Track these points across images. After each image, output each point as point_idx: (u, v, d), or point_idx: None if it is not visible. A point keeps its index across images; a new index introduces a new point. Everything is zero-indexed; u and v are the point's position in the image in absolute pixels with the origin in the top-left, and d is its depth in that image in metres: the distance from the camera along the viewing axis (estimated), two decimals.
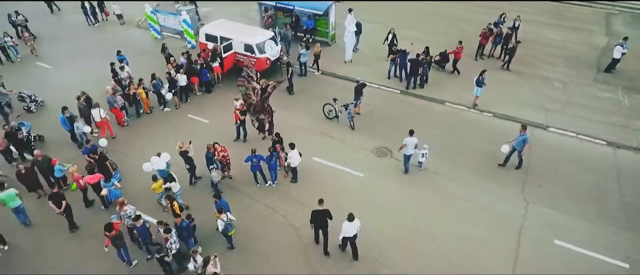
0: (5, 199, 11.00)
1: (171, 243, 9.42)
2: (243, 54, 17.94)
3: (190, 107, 16.62)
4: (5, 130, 13.34)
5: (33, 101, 16.45)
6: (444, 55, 18.24)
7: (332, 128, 15.27)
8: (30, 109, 16.33)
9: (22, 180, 12.00)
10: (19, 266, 10.58)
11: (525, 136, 12.44)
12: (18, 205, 11.23)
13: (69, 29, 23.49)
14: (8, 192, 11.05)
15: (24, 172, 11.93)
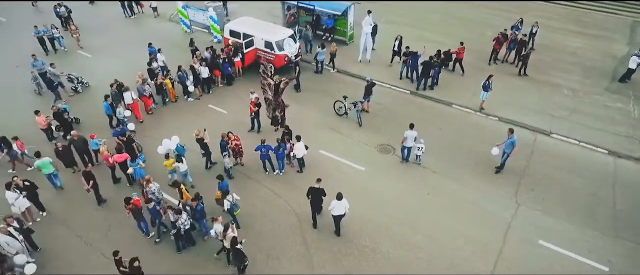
0: (41, 165, 12.72)
1: (182, 222, 10.63)
2: (263, 50, 19.10)
3: (212, 98, 17.94)
4: (54, 110, 15.05)
5: (80, 82, 18.47)
6: (447, 54, 18.74)
7: (341, 124, 16.20)
8: (77, 90, 18.33)
9: (59, 157, 13.59)
10: (56, 229, 12.15)
11: (513, 139, 12.95)
12: (51, 172, 12.94)
13: (107, 21, 25.36)
14: (43, 159, 12.75)
15: (61, 150, 13.53)
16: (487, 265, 10.90)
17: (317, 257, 11.24)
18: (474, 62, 19.89)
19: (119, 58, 20.81)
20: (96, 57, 21.28)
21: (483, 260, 11.02)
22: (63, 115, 15.26)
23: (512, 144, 12.98)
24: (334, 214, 11.20)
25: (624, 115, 16.27)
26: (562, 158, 14.39)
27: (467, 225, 11.95)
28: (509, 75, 19.00)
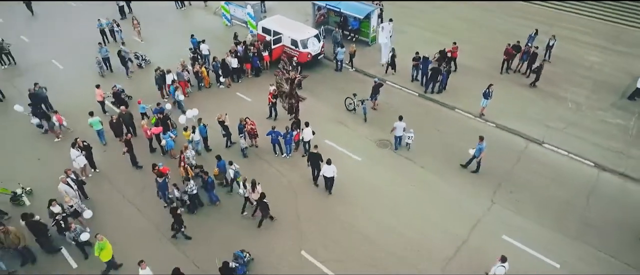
0: (93, 122, 16.10)
1: (190, 187, 13.02)
2: (289, 47, 21.25)
3: (240, 87, 20.37)
4: (113, 91, 18.06)
5: (144, 60, 22.07)
6: (442, 53, 20.09)
7: (348, 118, 18.06)
8: (141, 65, 21.89)
9: (111, 127, 16.51)
10: (102, 184, 15.04)
11: (482, 145, 14.28)
12: (100, 129, 16.31)
13: (159, 11, 28.55)
14: (94, 118, 16.11)
15: (114, 122, 16.44)
16: (451, 250, 12.46)
17: (306, 227, 13.29)
18: (487, 70, 20.96)
19: (166, 46, 23.75)
20: (148, 44, 24.37)
21: (449, 246, 12.59)
22: (120, 95, 18.27)
23: (480, 150, 14.32)
24: (326, 176, 13.80)
25: (621, 131, 16.88)
26: (548, 166, 15.44)
27: (442, 216, 13.50)
28: (518, 85, 19.91)
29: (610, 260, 12.13)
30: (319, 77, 21.07)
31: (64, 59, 22.70)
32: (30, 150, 16.49)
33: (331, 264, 12.13)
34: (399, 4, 27.37)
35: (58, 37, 24.91)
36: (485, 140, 14.42)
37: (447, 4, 28.84)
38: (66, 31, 25.54)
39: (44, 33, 25.71)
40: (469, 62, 21.65)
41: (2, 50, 21.72)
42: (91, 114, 16.24)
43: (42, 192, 14.13)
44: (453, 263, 12.10)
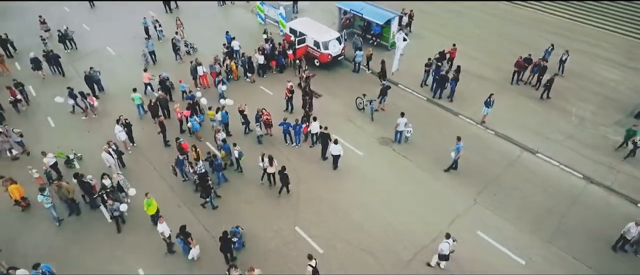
0: (134, 97, 19.01)
1: (200, 166, 15.19)
2: (312, 47, 23.14)
3: (265, 81, 22.51)
4: (160, 78, 20.66)
5: (192, 47, 25.04)
6: (442, 54, 21.57)
7: (357, 116, 19.70)
8: (189, 52, 24.76)
9: (150, 109, 19.10)
10: (138, 157, 17.65)
11: (459, 145, 15.58)
12: (140, 103, 19.06)
13: (202, 8, 31.30)
14: (136, 94, 18.93)
15: (152, 105, 19.03)
16: (428, 240, 13.88)
17: (303, 208, 15.15)
18: (498, 80, 21.87)
19: (205, 41, 26.29)
20: (189, 38, 27.07)
21: (426, 236, 14.01)
22: (165, 82, 20.89)
23: (458, 149, 15.60)
24: (333, 154, 16.06)
25: (619, 148, 17.41)
26: (537, 175, 16.39)
27: (426, 210, 14.93)
28: (526, 96, 20.70)
29: (575, 262, 13.14)
30: (337, 76, 22.84)
31: (117, 47, 25.80)
32: (81, 124, 19.45)
33: (319, 240, 13.93)
34: (419, 9, 28.42)
35: (113, 28, 28.15)
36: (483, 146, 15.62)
37: (469, 12, 29.69)
38: (121, 22, 28.74)
39: (102, 23, 29.13)
40: (481, 71, 22.65)
41: (66, 37, 25.14)
42: (134, 90, 19.14)
43: (89, 158, 16.93)
44: (426, 250, 13.54)
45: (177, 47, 24.24)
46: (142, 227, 14.41)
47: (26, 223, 14.52)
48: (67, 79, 22.48)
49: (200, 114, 18.82)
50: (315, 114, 18.34)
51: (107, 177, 14.61)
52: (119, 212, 13.91)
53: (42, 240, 13.92)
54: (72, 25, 26.42)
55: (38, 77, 22.62)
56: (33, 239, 13.98)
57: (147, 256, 13.51)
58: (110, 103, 20.72)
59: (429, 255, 13.32)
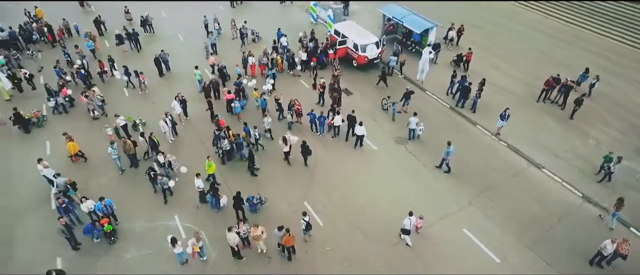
0: (196, 74, 22.76)
1: (225, 145, 18.06)
2: (351, 49, 25.34)
3: (305, 76, 25.13)
4: (219, 66, 24.13)
5: (257, 36, 28.49)
6: (459, 56, 23.18)
7: (380, 115, 21.66)
8: (255, 40, 28.30)
9: (204, 90, 22.46)
10: (189, 128, 21.09)
11: (448, 150, 17.22)
12: (199, 79, 22.80)
13: (265, 5, 34.58)
14: (198, 71, 22.59)
15: (206, 86, 22.43)
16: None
17: (315, 188, 17.56)
18: (525, 96, 22.66)
19: (265, 33, 29.22)
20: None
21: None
22: (223, 70, 24.27)
23: (448, 153, 17.25)
24: (358, 134, 18.96)
25: (629, 174, 17.77)
26: (537, 188, 17.40)
27: (422, 204, 16.59)
28: (548, 114, 21.34)
29: (547, 268, 14.29)
30: (371, 78, 24.84)
31: (186, 34, 29.80)
32: (149, 96, 23.33)
33: (322, 216, 16.27)
34: (469, 22, 29.34)
35: (187, 18, 32.28)
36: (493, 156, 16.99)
37: (517, 26, 30.11)
38: (194, 14, 32.81)
39: (178, 12, 33.46)
40: (511, 85, 23.51)
41: (146, 22, 29.60)
42: (196, 67, 23.13)
43: (151, 125, 20.58)
44: (413, 237, 15.37)
45: (244, 34, 27.83)
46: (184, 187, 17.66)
47: (98, 169, 18.35)
48: (142, 54, 26.80)
49: (242, 99, 21.88)
50: (343, 109, 20.65)
51: (161, 155, 17.71)
52: (167, 186, 16.65)
53: (107, 184, 17.64)
54: (152, 13, 30.87)
55: (121, 51, 27.21)
56: (101, 181, 17.75)
57: (183, 208, 16.68)
58: (174, 81, 24.53)
59: (414, 242, 15.17)
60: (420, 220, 15.03)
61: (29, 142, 19.80)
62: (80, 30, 29.21)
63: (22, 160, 18.50)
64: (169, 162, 17.55)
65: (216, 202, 16.14)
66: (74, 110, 22.14)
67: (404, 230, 14.69)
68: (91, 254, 14.80)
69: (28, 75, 23.42)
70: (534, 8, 33.19)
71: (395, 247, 15.13)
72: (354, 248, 15.04)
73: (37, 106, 21.62)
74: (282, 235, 14.05)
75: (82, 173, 17.89)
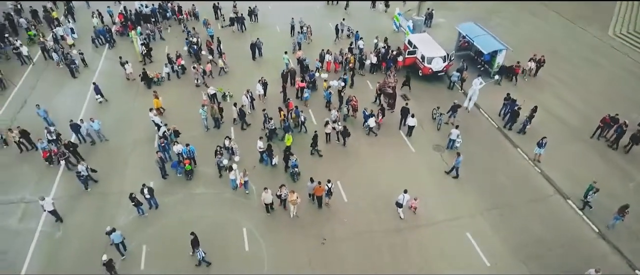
0: (284, 57, 27.17)
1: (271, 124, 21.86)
2: (419, 59, 27.56)
3: (372, 77, 28.06)
4: (299, 58, 28.46)
5: (351, 32, 32.08)
6: (510, 68, 25.40)
7: (427, 124, 23.79)
8: (348, 36, 32.08)
9: (282, 76, 26.71)
10: (266, 105, 25.53)
11: (458, 160, 19.18)
12: (286, 62, 27.01)
13: (358, 8, 37.90)
14: (286, 56, 27.25)
15: (283, 74, 26.68)
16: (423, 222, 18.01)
17: (350, 172, 20.67)
18: (580, 130, 22.91)
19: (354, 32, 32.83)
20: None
21: (423, 219, 18.14)
22: (303, 63, 28.42)
23: (458, 162, 19.29)
24: (410, 124, 22.17)
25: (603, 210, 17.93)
26: (555, 216, 18.32)
27: (437, 205, 18.76)
28: (597, 152, 21.49)
29: None
30: (432, 89, 26.88)
31: (284, 26, 34.49)
32: (239, 73, 28.39)
33: (349, 195, 19.37)
34: (556, 52, 29.33)
35: (289, 11, 37.08)
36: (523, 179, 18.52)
37: (604, 63, 29.25)
38: (297, 9, 37.44)
39: (282, 6, 38.52)
40: (570, 118, 23.84)
41: (253, 12, 35.06)
42: (286, 52, 27.58)
43: (237, 97, 25.40)
44: (418, 228, 17.78)
45: (338, 30, 31.81)
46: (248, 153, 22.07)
47: (192, 124, 23.58)
48: (244, 36, 32.37)
49: (312, 89, 25.73)
50: (395, 112, 23.44)
51: (228, 139, 21.35)
52: (222, 164, 20.40)
53: (195, 136, 22.66)
54: (261, 5, 36.32)
55: (230, 32, 33.20)
56: (192, 134, 22.91)
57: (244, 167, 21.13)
58: (263, 65, 29.33)
59: (416, 231, 17.62)
60: (414, 201, 17.99)
61: (148, 95, 26.04)
62: (199, 16, 35.62)
63: (141, 108, 24.62)
64: (232, 148, 21.37)
65: (270, 160, 20.37)
66: (185, 76, 28.11)
67: (398, 203, 17.81)
68: (173, 184, 19.99)
69: (146, 46, 29.95)
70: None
71: (401, 232, 17.71)
72: (366, 226, 17.96)
73: (158, 70, 27.97)
74: (313, 186, 18.13)
75: (180, 125, 23.26)
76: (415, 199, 18.05)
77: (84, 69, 28.84)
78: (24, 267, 16.24)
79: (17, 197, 19.16)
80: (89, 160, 20.73)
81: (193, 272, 16.15)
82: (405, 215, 18.32)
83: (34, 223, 17.97)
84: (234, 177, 19.08)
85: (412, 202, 18.09)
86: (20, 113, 24.59)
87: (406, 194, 17.62)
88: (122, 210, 18.43)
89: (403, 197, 17.59)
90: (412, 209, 18.30)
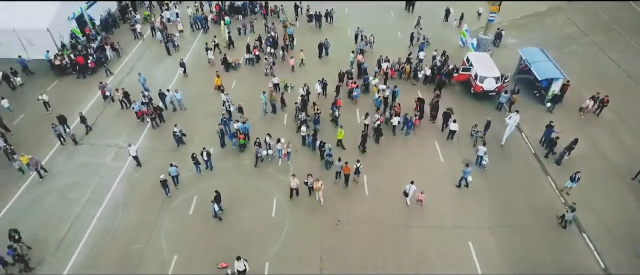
0: (350, 56, 29.51)
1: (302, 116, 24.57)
2: (472, 77, 28.45)
3: (422, 88, 29.58)
4: (360, 62, 31.11)
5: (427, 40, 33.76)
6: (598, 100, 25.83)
7: (464, 137, 24.91)
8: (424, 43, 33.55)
9: (339, 75, 29.57)
10: (323, 102, 28.59)
11: (466, 170, 20.34)
12: (351, 61, 29.47)
13: (430, 22, 39.10)
14: (352, 54, 29.40)
15: (341, 73, 29.46)
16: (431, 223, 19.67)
17: (378, 170, 22.86)
18: (621, 169, 22.46)
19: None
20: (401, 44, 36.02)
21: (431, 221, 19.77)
22: (360, 66, 30.96)
23: (465, 173, 20.58)
24: (451, 129, 24.22)
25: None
26: (565, 245, 18.78)
27: (448, 211, 20.29)
28: (635, 193, 21.07)
29: None
30: (480, 107, 27.67)
31: (354, 31, 37.14)
32: (306, 68, 31.76)
33: (371, 189, 21.67)
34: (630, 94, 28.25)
35: (364, 16, 39.70)
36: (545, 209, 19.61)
37: None
38: (373, 13, 39.89)
39: (359, 11, 41.15)
40: (616, 155, 23.44)
41: (328, 14, 38.28)
42: (353, 52, 30.97)
43: (296, 89, 28.79)
44: (424, 227, 19.54)
45: (414, 37, 34.04)
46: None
47: (253, 108, 27.44)
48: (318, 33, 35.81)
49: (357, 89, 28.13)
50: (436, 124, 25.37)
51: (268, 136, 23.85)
52: (260, 155, 22.69)
53: (253, 117, 26.39)
54: (338, 8, 39.43)
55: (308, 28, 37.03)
56: (250, 115, 26.60)
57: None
58: (327, 64, 32.32)
59: (422, 231, 19.40)
60: (421, 194, 20.14)
61: (225, 77, 30.50)
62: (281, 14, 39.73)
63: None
64: (269, 144, 23.80)
65: (313, 144, 23.55)
66: (258, 65, 32.25)
67: (405, 192, 20.21)
68: (227, 153, 24.00)
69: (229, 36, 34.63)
70: None
71: (408, 229, 19.62)
72: (379, 218, 20.11)
73: (237, 57, 32.46)
74: (341, 165, 21.12)
75: (243, 106, 27.26)
76: (421, 192, 20.13)
77: (178, 49, 34.39)
78: (109, 193, 21.33)
79: (113, 142, 24.64)
80: (168, 123, 25.62)
81: (226, 220, 19.88)
82: (416, 214, 20.16)
83: (121, 163, 23.17)
84: (280, 147, 22.77)
85: (419, 195, 20.25)
86: (126, 77, 30.66)
87: (412, 185, 19.89)
88: (185, 165, 22.79)
89: (409, 187, 19.96)
90: (419, 202, 20.44)
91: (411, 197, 20.38)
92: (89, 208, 20.60)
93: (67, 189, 21.57)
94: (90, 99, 28.31)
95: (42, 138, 24.60)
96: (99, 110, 27.37)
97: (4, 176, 22.09)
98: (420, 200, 20.38)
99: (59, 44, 32.26)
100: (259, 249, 18.60)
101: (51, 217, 20.12)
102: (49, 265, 18.03)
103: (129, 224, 19.81)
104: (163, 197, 21.04)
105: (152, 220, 19.92)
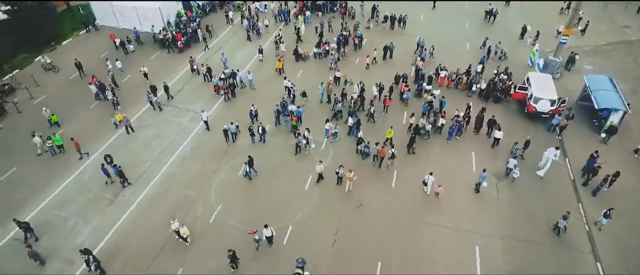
0: (415, 60, 31.87)
1: (337, 107, 26.63)
2: (528, 97, 28.46)
3: (476, 101, 30.19)
4: (418, 67, 32.74)
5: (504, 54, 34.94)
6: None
7: (502, 153, 25.42)
8: (501, 58, 34.80)
9: (395, 78, 31.46)
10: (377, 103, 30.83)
11: (483, 175, 21.32)
12: (415, 64, 31.54)
13: (506, 39, 38.77)
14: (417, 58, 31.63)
15: (397, 76, 31.34)
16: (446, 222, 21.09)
17: (409, 166, 24.61)
18: None
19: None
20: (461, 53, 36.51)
21: (447, 220, 21.17)
22: (418, 72, 32.62)
23: (482, 177, 21.61)
24: (496, 137, 25.38)
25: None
26: (573, 269, 19.07)
27: (465, 215, 21.50)
28: None
29: None
30: (530, 127, 27.64)
31: (424, 36, 38.36)
32: (363, 68, 34.09)
33: (399, 183, 23.51)
34: None
35: (440, 25, 40.72)
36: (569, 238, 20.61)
37: None
38: (448, 23, 40.72)
39: (433, 18, 42.16)
40: None
41: (401, 20, 39.98)
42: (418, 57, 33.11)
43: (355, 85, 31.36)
44: (437, 226, 21.07)
45: (491, 50, 34.75)
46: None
47: (312, 96, 30.52)
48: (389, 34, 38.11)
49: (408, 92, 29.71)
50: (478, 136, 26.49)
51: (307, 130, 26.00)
52: (301, 144, 25.41)
53: (308, 103, 29.56)
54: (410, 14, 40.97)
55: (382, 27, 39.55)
56: (308, 104, 29.93)
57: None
58: (389, 66, 34.25)
59: (435, 229, 20.95)
60: (439, 187, 22.02)
61: (294, 66, 34.02)
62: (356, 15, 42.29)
63: (288, 75, 32.64)
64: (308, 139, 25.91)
65: (357, 131, 25.84)
66: (325, 59, 35.30)
67: (424, 182, 22.25)
68: (280, 131, 27.50)
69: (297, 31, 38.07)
70: None
71: (422, 225, 21.29)
72: (398, 210, 22.03)
73: (307, 50, 35.90)
74: (377, 148, 23.69)
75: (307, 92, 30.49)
76: (439, 185, 21.88)
77: (260, 37, 38.78)
78: (180, 147, 26.08)
79: (192, 107, 29.53)
80: (239, 98, 29.90)
81: (264, 185, 23.34)
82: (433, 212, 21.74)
83: (194, 125, 27.89)
84: (328, 127, 25.93)
85: (437, 187, 22.04)
86: (213, 56, 35.76)
87: (431, 176, 21.88)
88: (242, 135, 26.75)
89: (428, 178, 21.98)
90: (436, 194, 22.27)
91: (430, 187, 22.29)
92: (163, 156, 25.47)
93: (151, 138, 26.76)
94: (181, 70, 33.78)
95: (138, 99, 30.29)
96: (186, 80, 32.65)
97: (104, 125, 27.88)
98: (438, 193, 22.13)
99: (165, 21, 38.49)
100: (286, 215, 21.74)
101: (137, 156, 25.40)
102: (131, 189, 23.40)
103: (190, 174, 24.22)
104: (225, 144, 26.13)
105: (208, 175, 24.12)
